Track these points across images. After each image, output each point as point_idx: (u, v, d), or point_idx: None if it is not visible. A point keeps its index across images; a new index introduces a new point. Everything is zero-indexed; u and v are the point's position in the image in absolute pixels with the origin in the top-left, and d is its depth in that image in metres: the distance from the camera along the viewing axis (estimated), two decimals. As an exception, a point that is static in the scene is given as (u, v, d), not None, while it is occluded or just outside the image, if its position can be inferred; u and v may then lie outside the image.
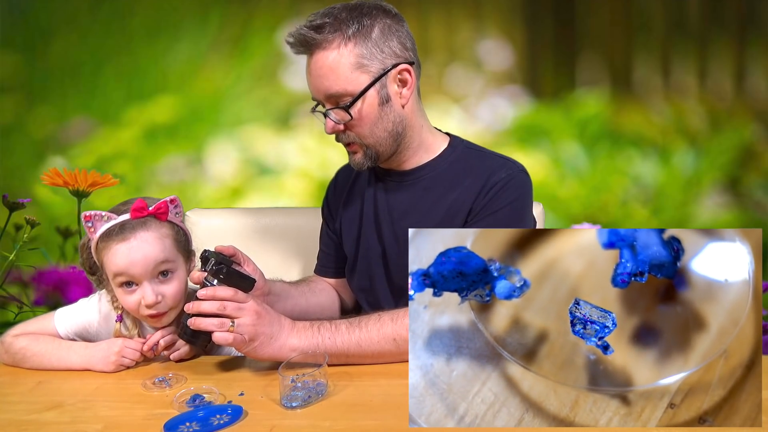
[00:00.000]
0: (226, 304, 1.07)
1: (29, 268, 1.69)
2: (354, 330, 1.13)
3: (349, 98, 1.19)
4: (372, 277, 1.35)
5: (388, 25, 1.21)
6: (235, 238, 1.48)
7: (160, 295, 1.15)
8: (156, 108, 2.50)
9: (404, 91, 1.24)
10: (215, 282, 1.10)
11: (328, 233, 1.46)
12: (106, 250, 1.14)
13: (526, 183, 1.26)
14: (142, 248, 1.13)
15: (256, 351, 1.09)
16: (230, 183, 2.53)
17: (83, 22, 2.50)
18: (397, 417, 0.96)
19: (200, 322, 1.07)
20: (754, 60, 2.43)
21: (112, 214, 1.15)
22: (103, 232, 1.14)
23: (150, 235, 1.14)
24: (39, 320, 1.24)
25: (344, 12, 1.19)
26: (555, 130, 2.49)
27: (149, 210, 1.15)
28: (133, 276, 1.14)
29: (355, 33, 1.18)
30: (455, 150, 1.31)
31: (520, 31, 2.50)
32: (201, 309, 1.07)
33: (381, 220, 1.33)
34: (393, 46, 1.21)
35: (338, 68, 1.18)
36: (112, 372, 1.15)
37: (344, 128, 1.23)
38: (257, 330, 1.08)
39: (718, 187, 2.46)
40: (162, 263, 1.15)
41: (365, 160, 1.26)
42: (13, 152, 2.53)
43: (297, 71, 2.46)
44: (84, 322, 1.23)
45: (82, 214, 1.15)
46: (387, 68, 1.20)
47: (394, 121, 1.24)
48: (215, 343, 1.09)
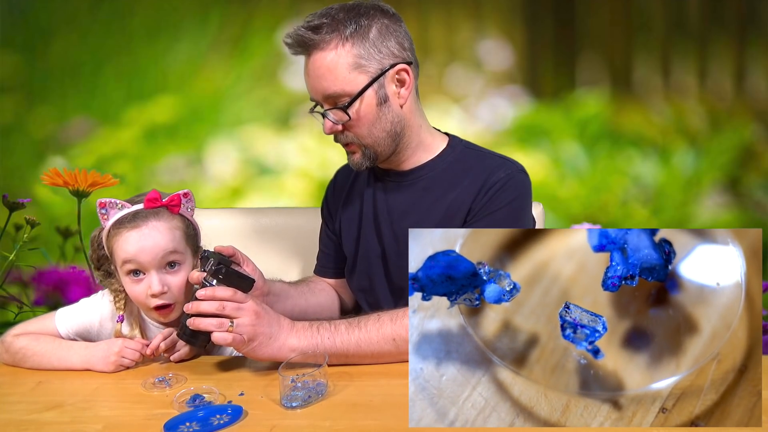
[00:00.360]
0: (225, 304, 1.07)
1: (29, 268, 1.69)
2: (353, 330, 1.13)
3: (347, 98, 1.20)
4: (371, 277, 1.35)
5: (385, 25, 1.21)
6: (234, 238, 1.48)
7: (166, 285, 1.16)
8: (156, 108, 2.50)
9: (402, 91, 1.24)
10: (214, 282, 1.10)
11: (327, 233, 1.47)
12: (117, 237, 1.16)
13: (525, 183, 1.26)
14: (152, 236, 1.15)
15: (255, 351, 1.09)
16: (230, 183, 2.53)
17: (83, 22, 2.50)
18: (397, 417, 0.96)
19: (199, 322, 1.07)
20: (754, 60, 2.43)
21: (126, 203, 1.18)
22: (116, 220, 1.16)
23: (161, 224, 1.16)
24: (40, 320, 1.24)
25: (341, 12, 1.19)
26: (555, 130, 2.49)
27: (162, 201, 1.18)
28: (141, 264, 1.15)
29: (352, 33, 1.18)
30: (454, 150, 1.31)
31: (520, 31, 2.50)
32: (200, 309, 1.07)
33: (380, 220, 1.33)
34: (391, 46, 1.21)
35: (336, 69, 1.18)
36: (111, 372, 1.15)
37: (342, 128, 1.23)
38: (256, 330, 1.08)
39: (718, 187, 2.46)
40: (170, 253, 1.16)
41: (364, 160, 1.26)
42: (13, 152, 2.53)
43: (297, 71, 2.44)
44: (85, 322, 1.23)
45: (98, 201, 1.17)
46: (385, 68, 1.20)
47: (392, 121, 1.24)
48: (214, 343, 1.09)
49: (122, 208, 1.17)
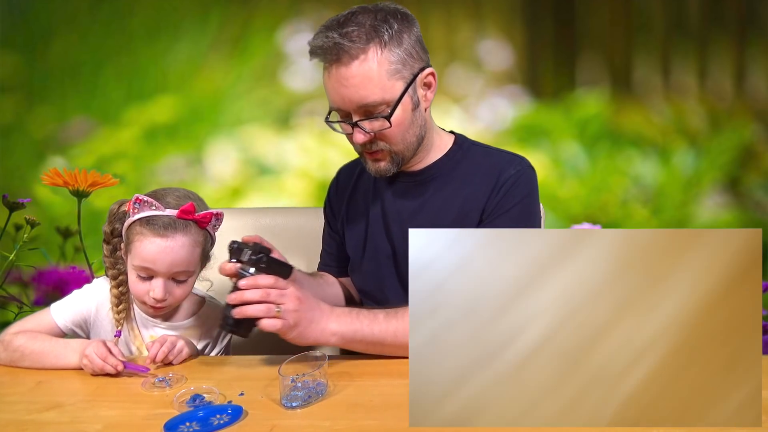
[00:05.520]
0: (269, 291, 1.07)
1: (29, 268, 1.70)
2: (391, 320, 1.14)
3: (384, 106, 1.17)
4: (381, 278, 1.34)
5: (410, 28, 1.20)
6: (234, 239, 1.48)
7: (169, 293, 1.18)
8: (156, 108, 2.50)
9: (428, 94, 1.24)
10: (251, 270, 1.10)
11: (330, 233, 1.46)
12: (141, 236, 1.16)
13: (533, 178, 1.28)
14: (174, 250, 1.16)
15: (300, 336, 1.10)
16: (230, 183, 2.53)
17: (83, 22, 2.50)
18: (397, 417, 0.96)
19: (246, 310, 1.07)
20: (754, 60, 2.43)
21: (160, 205, 1.17)
22: (145, 217, 1.16)
23: (186, 240, 1.17)
24: (35, 317, 1.24)
25: (367, 17, 1.16)
26: (555, 130, 2.49)
27: (194, 216, 1.17)
28: (155, 271, 1.17)
29: (389, 39, 1.15)
30: (461, 147, 1.32)
31: (520, 31, 2.50)
32: (244, 298, 1.07)
33: (390, 220, 1.32)
34: (418, 49, 1.20)
35: (376, 77, 1.15)
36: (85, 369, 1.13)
37: (373, 137, 1.20)
38: (300, 315, 1.09)
39: (718, 187, 2.46)
40: (182, 272, 1.18)
41: (391, 166, 1.24)
42: (13, 152, 2.53)
43: (297, 71, 2.46)
44: (82, 310, 1.24)
45: (135, 196, 1.18)
46: (415, 73, 1.19)
47: (420, 125, 1.24)
48: (262, 330, 1.08)
49: (156, 209, 1.17)
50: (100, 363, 1.11)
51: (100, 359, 1.11)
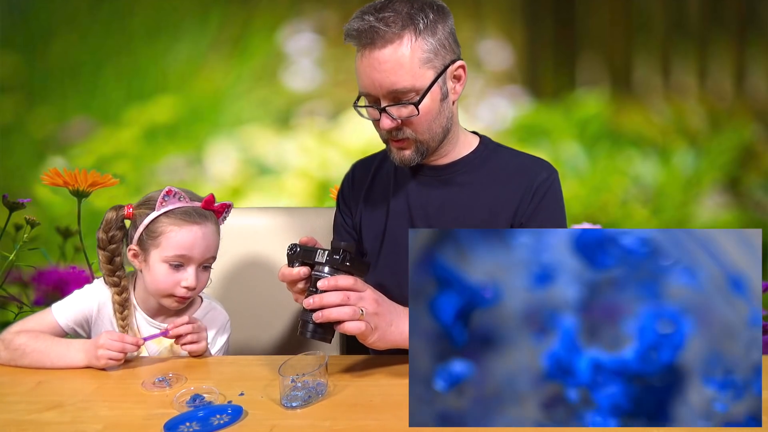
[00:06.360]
0: (348, 293, 1.05)
1: (29, 268, 1.70)
2: None
3: (414, 94, 1.18)
4: (399, 273, 1.31)
5: (444, 20, 1.21)
6: (235, 238, 1.48)
7: (197, 281, 1.23)
8: (156, 108, 2.50)
9: (457, 87, 1.25)
10: (326, 270, 1.07)
11: (345, 228, 1.44)
12: (175, 226, 1.21)
13: (559, 182, 1.32)
14: (207, 236, 1.24)
15: (381, 339, 1.09)
16: (230, 183, 2.52)
17: (83, 22, 2.50)
18: (397, 417, 0.96)
19: (329, 314, 1.04)
20: (754, 60, 2.43)
21: (186, 196, 1.24)
22: (174, 209, 1.21)
23: (212, 228, 1.25)
24: (36, 316, 1.25)
25: (404, 5, 1.17)
26: (555, 130, 2.49)
27: (215, 206, 1.26)
28: (190, 258, 1.21)
29: (425, 28, 1.16)
30: (488, 147, 1.33)
31: (520, 31, 2.50)
32: (324, 302, 1.05)
33: (414, 214, 1.32)
34: (451, 41, 1.21)
35: (408, 63, 1.16)
36: (101, 368, 1.15)
37: (400, 124, 1.21)
38: (379, 318, 1.08)
39: (718, 187, 2.46)
40: (212, 257, 1.26)
41: (416, 156, 1.25)
42: (13, 152, 2.53)
43: (297, 71, 2.45)
44: (84, 309, 1.25)
45: (167, 188, 1.23)
46: (447, 64, 1.20)
47: (447, 117, 1.24)
48: (345, 334, 1.08)
49: (185, 201, 1.24)
50: (119, 345, 1.14)
51: (117, 342, 1.14)
